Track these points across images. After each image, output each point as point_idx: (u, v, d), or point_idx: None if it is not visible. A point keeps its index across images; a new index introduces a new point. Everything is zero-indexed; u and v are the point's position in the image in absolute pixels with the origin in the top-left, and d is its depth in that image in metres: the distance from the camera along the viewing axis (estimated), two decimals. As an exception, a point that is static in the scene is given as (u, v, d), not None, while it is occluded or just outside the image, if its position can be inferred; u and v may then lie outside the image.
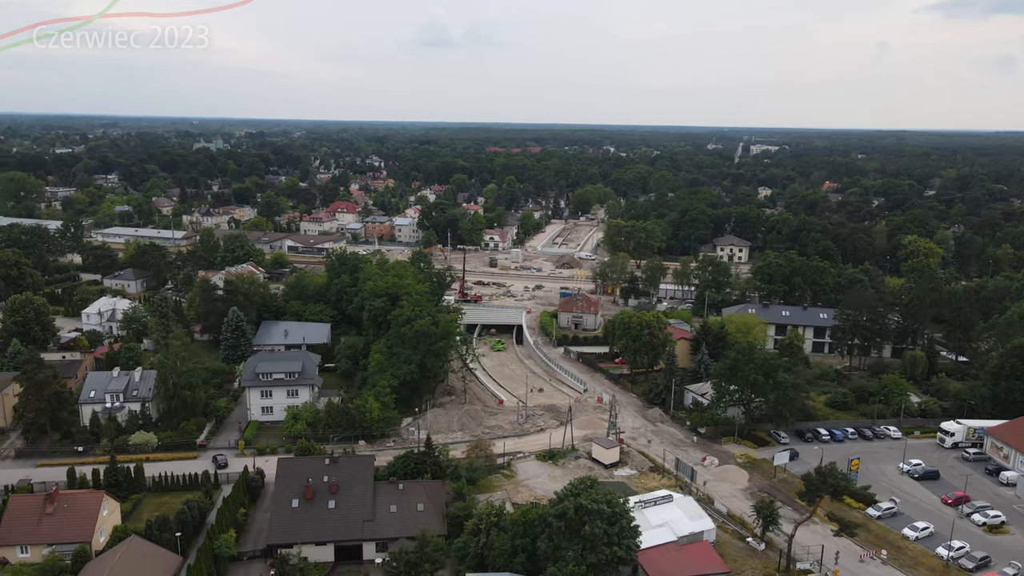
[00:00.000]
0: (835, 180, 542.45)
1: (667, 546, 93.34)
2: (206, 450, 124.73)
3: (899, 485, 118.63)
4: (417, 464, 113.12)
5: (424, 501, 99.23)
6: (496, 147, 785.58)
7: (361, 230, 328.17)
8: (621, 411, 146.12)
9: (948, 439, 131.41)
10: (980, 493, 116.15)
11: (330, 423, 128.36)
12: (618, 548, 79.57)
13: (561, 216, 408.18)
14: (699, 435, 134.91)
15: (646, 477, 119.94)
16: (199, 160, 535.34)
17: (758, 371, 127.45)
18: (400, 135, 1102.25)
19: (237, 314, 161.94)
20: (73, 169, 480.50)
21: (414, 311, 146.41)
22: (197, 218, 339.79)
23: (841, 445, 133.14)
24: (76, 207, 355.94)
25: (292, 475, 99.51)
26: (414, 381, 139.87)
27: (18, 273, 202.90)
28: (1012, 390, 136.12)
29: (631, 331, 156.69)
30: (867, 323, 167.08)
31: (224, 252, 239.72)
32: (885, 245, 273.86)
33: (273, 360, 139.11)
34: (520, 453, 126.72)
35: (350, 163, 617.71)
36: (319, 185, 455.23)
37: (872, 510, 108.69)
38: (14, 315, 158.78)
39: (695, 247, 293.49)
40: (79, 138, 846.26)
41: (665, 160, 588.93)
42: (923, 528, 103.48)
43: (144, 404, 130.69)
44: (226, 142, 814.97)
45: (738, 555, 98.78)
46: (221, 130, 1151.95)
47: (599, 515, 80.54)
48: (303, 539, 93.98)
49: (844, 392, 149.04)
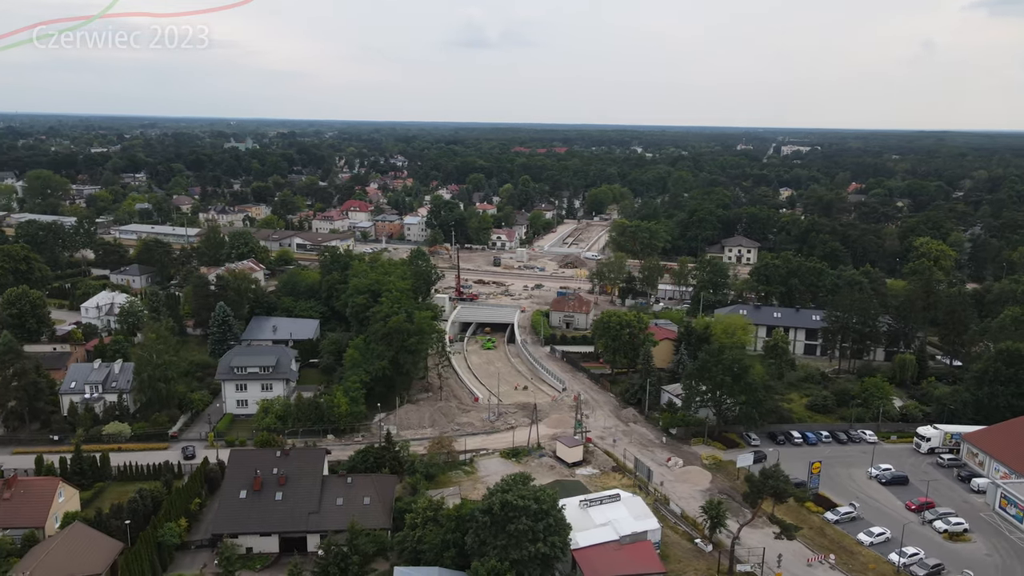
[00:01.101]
0: (861, 181, 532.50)
1: (607, 545, 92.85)
2: (178, 441, 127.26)
3: (865, 490, 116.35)
4: (376, 459, 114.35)
5: (371, 495, 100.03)
6: (521, 147, 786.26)
7: (371, 228, 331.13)
8: (595, 410, 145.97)
9: (924, 444, 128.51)
10: (949, 500, 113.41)
11: (300, 417, 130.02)
12: (542, 545, 79.42)
13: (575, 216, 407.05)
14: (670, 436, 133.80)
15: (607, 476, 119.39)
16: (224, 159, 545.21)
17: (726, 372, 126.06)
18: (429, 135, 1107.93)
19: (224, 309, 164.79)
20: (102, 168, 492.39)
21: (392, 308, 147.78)
22: (213, 216, 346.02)
23: (814, 448, 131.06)
24: (99, 204, 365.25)
25: (243, 466, 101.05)
26: (388, 377, 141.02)
27: (27, 267, 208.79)
28: (995, 395, 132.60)
29: (610, 331, 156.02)
30: (856, 325, 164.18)
31: (229, 249, 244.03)
32: (897, 247, 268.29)
33: (248, 354, 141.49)
34: (485, 450, 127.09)
35: (374, 163, 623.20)
36: (337, 184, 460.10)
37: (830, 514, 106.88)
38: (10, 307, 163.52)
39: (702, 248, 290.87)
40: (116, 138, 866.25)
41: (687, 161, 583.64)
42: (879, 533, 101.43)
43: (121, 395, 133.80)
44: (256, 142, 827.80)
45: (684, 556, 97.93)
46: (256, 131, 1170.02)
47: (525, 512, 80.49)
48: (248, 529, 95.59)
49: (825, 395, 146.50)
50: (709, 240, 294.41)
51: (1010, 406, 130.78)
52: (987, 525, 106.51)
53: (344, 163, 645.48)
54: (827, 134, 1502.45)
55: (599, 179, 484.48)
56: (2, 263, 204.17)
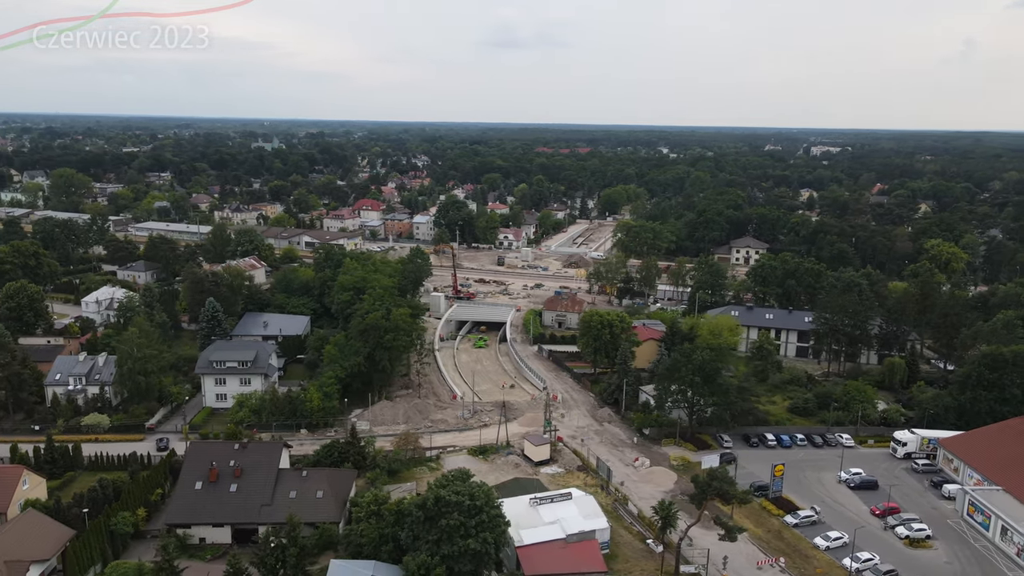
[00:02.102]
0: (887, 182, 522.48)
1: (553, 543, 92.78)
2: (154, 433, 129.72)
3: (833, 494, 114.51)
4: (341, 453, 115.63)
5: (325, 489, 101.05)
6: (545, 148, 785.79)
7: (381, 227, 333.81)
8: (572, 410, 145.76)
9: (900, 449, 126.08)
10: (918, 506, 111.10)
11: (274, 411, 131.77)
12: (474, 541, 79.50)
13: (588, 216, 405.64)
14: (643, 436, 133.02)
15: (571, 475, 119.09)
16: (248, 159, 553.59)
17: (696, 373, 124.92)
18: (456, 136, 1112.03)
19: (213, 304, 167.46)
20: (128, 167, 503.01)
21: (372, 305, 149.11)
22: (228, 214, 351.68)
23: (787, 451, 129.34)
24: (120, 202, 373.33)
25: (200, 458, 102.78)
26: (364, 373, 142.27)
27: (35, 263, 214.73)
28: (978, 400, 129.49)
29: (592, 330, 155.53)
30: (846, 328, 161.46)
31: (234, 246, 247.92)
32: (908, 249, 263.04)
33: (226, 349, 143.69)
34: (454, 447, 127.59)
35: (395, 163, 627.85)
36: (354, 184, 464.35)
37: (790, 517, 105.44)
38: (8, 301, 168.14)
39: (709, 248, 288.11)
40: (149, 138, 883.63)
41: (708, 162, 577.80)
42: (836, 538, 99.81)
43: (103, 388, 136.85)
44: (283, 142, 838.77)
45: (634, 556, 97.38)
46: (287, 131, 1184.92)
47: (458, 507, 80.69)
48: (202, 520, 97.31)
49: (806, 397, 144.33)
50: (716, 241, 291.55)
51: (992, 412, 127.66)
52: (952, 532, 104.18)
53: (366, 163, 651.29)
54: (861, 135, 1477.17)
55: (617, 179, 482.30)
56: (12, 258, 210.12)
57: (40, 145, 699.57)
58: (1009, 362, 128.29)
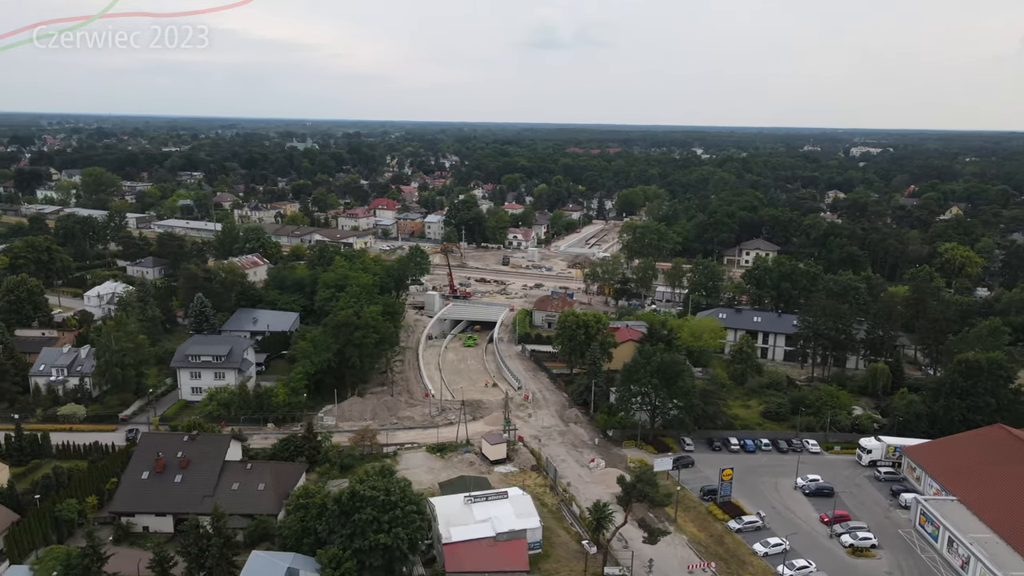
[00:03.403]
0: (922, 184, 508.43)
1: (481, 541, 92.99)
2: (127, 424, 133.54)
3: (786, 500, 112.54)
4: (297, 448, 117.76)
5: (267, 481, 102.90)
6: (576, 148, 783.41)
7: (393, 226, 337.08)
8: (541, 409, 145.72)
9: (865, 456, 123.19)
10: (872, 514, 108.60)
11: (242, 405, 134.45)
12: (385, 536, 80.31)
13: (605, 217, 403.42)
14: (607, 437, 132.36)
15: (525, 475, 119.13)
16: (277, 158, 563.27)
17: (655, 374, 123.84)
18: (491, 136, 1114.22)
19: (201, 299, 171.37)
20: (161, 166, 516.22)
21: (347, 302, 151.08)
22: (247, 212, 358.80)
23: (750, 456, 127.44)
24: (146, 200, 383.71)
25: (151, 449, 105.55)
26: (336, 369, 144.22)
27: (48, 258, 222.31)
28: (950, 408, 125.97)
29: (567, 331, 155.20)
30: (829, 332, 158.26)
31: (242, 243, 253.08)
32: (922, 252, 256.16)
33: (202, 343, 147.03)
34: (413, 444, 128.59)
35: (422, 163, 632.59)
36: (376, 183, 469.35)
37: (734, 523, 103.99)
38: (8, 295, 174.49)
39: (718, 250, 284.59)
40: (190, 138, 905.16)
41: (735, 163, 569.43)
42: (775, 544, 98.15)
43: (83, 379, 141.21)
44: (318, 142, 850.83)
45: (566, 556, 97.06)
46: (326, 132, 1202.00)
47: (371, 502, 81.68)
48: (145, 509, 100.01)
49: (779, 402, 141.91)
50: (725, 243, 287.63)
51: (965, 420, 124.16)
52: (901, 542, 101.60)
53: (395, 162, 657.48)
54: (907, 135, 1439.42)
55: (639, 180, 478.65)
56: (26, 254, 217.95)
57: (84, 145, 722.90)
58: (984, 370, 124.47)
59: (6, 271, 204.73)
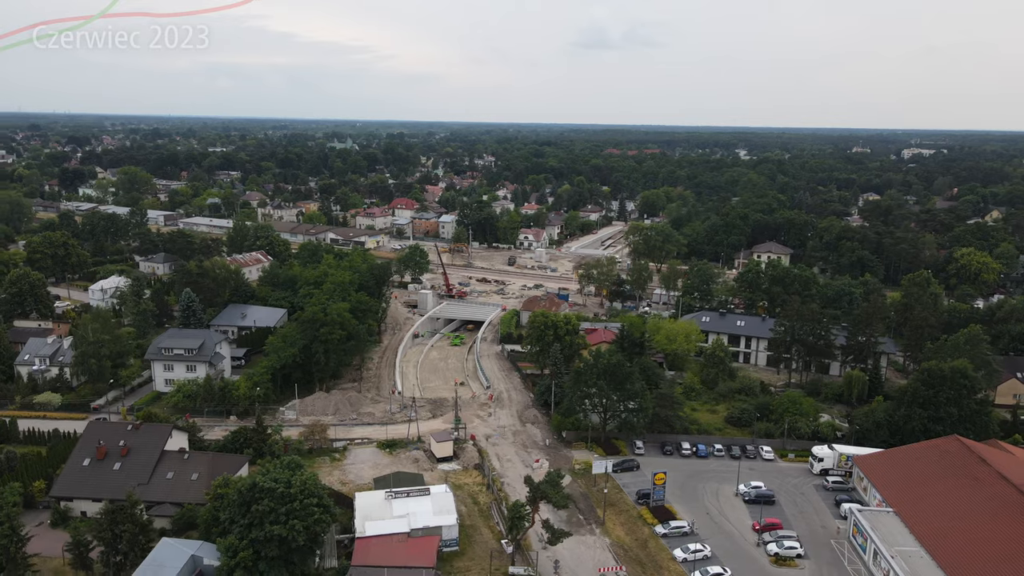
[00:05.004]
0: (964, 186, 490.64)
1: (393, 536, 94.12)
2: (97, 413, 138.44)
3: (723, 506, 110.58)
4: (246, 440, 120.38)
5: (202, 472, 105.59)
6: (614, 149, 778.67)
7: (408, 226, 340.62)
8: (502, 409, 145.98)
9: (817, 465, 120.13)
10: (808, 523, 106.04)
11: (206, 398, 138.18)
12: (281, 527, 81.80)
13: (627, 218, 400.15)
14: (561, 439, 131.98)
15: (466, 473, 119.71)
16: (311, 158, 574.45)
17: (601, 376, 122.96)
18: (535, 137, 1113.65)
19: (189, 295, 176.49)
20: (199, 166, 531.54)
21: (321, 299, 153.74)
22: (270, 211, 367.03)
23: (701, 461, 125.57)
24: (177, 199, 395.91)
25: (95, 436, 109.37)
26: (303, 364, 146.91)
27: (64, 252, 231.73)
28: (911, 418, 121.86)
29: (536, 331, 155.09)
30: (806, 337, 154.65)
31: (252, 240, 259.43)
32: (937, 257, 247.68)
33: (175, 337, 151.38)
34: (366, 440, 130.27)
35: (454, 163, 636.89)
36: (404, 183, 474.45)
37: (660, 527, 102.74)
38: (11, 287, 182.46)
39: (728, 252, 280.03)
40: (239, 139, 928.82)
41: (770, 164, 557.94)
42: (696, 551, 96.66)
43: (62, 369, 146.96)
44: (357, 143, 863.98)
45: (480, 554, 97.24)
46: (372, 132, 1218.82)
47: (270, 494, 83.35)
48: (83, 495, 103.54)
49: (743, 408, 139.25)
50: (736, 245, 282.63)
51: (925, 430, 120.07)
52: (831, 552, 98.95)
53: (430, 162, 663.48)
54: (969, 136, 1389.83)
55: (668, 181, 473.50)
56: (43, 248, 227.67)
57: (135, 145, 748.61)
58: (947, 378, 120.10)
59: (25, 264, 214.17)
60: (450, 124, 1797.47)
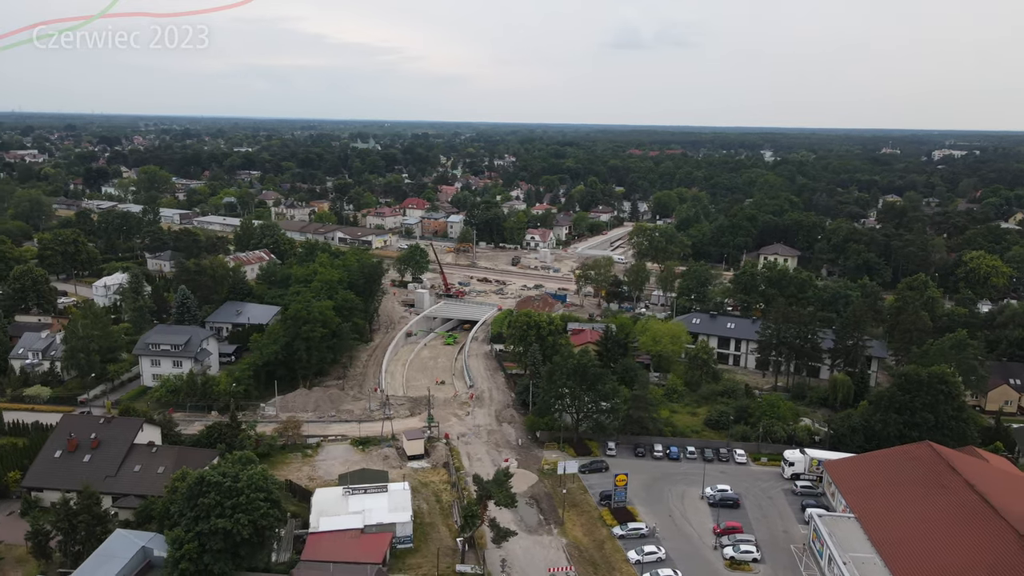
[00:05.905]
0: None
1: (346, 532, 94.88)
2: (84, 407, 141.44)
3: (686, 509, 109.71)
4: (220, 435, 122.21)
5: (168, 465, 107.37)
6: (636, 150, 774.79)
7: (417, 226, 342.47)
8: (480, 408, 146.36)
9: (788, 469, 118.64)
10: (770, 528, 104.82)
11: (189, 393, 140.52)
12: (225, 521, 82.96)
13: (639, 219, 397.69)
14: (534, 439, 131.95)
15: (435, 471, 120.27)
16: (330, 158, 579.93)
17: (571, 377, 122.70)
18: (561, 138, 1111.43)
19: (184, 291, 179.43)
20: (220, 165, 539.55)
21: (307, 297, 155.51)
22: (283, 210, 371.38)
23: (673, 463, 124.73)
24: (195, 198, 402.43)
25: (68, 429, 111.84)
26: (285, 361, 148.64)
27: (75, 250, 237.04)
28: (887, 423, 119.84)
29: (518, 331, 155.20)
30: (793, 340, 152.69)
31: (258, 239, 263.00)
32: (946, 260, 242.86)
33: (163, 332, 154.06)
34: (339, 437, 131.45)
35: (473, 163, 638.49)
36: (420, 183, 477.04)
37: (618, 529, 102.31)
38: (15, 283, 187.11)
39: (734, 254, 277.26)
40: (266, 139, 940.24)
41: (790, 165, 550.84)
42: (650, 553, 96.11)
43: (53, 363, 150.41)
44: (380, 143, 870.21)
45: (432, 552, 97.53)
46: (397, 133, 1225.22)
47: (216, 487, 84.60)
48: (52, 485, 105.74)
49: (722, 411, 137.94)
50: (741, 247, 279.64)
51: (901, 435, 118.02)
52: (788, 557, 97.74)
53: (450, 163, 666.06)
54: (1006, 137, 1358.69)
55: (684, 182, 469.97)
56: (54, 246, 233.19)
57: (163, 144, 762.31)
58: (924, 384, 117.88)
59: (36, 261, 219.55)
60: (477, 124, 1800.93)
